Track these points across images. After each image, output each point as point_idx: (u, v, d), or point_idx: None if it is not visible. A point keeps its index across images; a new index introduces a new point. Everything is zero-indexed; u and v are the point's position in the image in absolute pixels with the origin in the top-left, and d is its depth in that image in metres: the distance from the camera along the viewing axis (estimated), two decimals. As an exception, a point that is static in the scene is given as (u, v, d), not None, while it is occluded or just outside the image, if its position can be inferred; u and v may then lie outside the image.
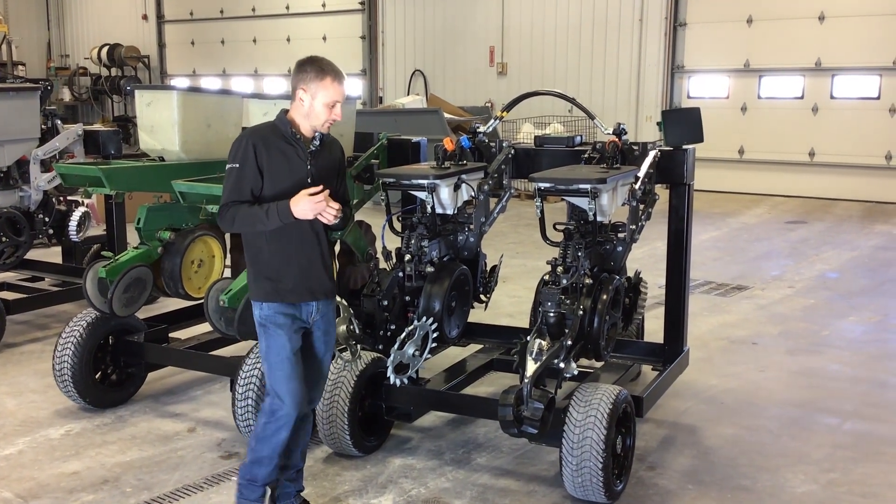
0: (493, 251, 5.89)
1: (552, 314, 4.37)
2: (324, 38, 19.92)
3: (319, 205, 3.62)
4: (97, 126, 8.72)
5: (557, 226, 4.82)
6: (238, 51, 21.85)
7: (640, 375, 5.62)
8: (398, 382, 4.47)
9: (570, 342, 4.32)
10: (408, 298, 4.81)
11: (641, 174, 4.79)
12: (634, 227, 4.84)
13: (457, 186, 4.76)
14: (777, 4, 14.62)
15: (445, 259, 4.98)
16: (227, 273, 5.89)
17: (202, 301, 5.28)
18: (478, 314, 5.49)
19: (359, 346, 4.58)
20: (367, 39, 19.47)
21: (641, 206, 4.85)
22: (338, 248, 5.53)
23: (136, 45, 23.31)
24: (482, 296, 5.26)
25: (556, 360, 4.23)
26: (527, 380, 4.01)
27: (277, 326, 3.79)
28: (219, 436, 5.09)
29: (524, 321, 5.44)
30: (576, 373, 4.40)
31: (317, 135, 3.80)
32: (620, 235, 4.89)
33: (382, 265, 4.97)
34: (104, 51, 22.91)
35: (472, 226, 5.01)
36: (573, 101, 5.48)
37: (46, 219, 7.18)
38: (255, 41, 21.46)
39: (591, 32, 16.33)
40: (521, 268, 9.07)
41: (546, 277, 4.52)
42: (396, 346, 4.43)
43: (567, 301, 4.41)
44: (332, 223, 3.72)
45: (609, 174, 4.49)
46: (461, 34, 17.92)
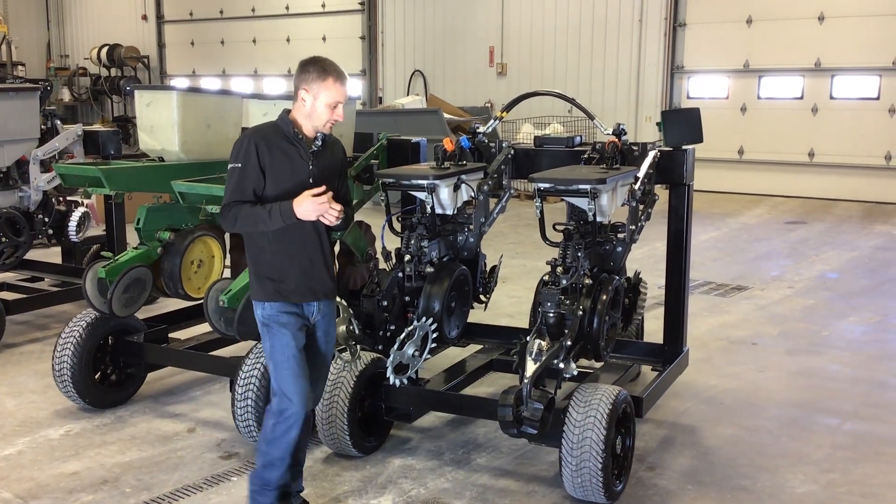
0: (493, 251, 5.89)
1: (552, 314, 4.37)
2: (323, 39, 19.92)
3: (322, 206, 3.62)
4: (97, 126, 8.70)
5: (557, 226, 4.82)
6: (238, 51, 21.85)
7: (640, 376, 5.61)
8: (398, 383, 4.47)
9: (570, 342, 4.32)
10: (407, 299, 4.81)
11: (641, 174, 4.79)
12: (634, 228, 4.84)
13: (456, 187, 4.76)
14: (777, 5, 14.62)
15: (445, 259, 4.98)
16: (227, 273, 5.89)
17: (202, 301, 5.28)
18: (477, 314, 5.49)
19: (358, 347, 4.58)
20: (367, 40, 19.47)
21: (641, 207, 4.86)
22: (337, 249, 5.52)
23: (136, 46, 23.32)
24: (482, 296, 5.25)
25: (556, 361, 4.23)
26: (526, 380, 4.01)
27: (281, 325, 3.79)
28: (218, 436, 5.09)
29: (524, 321, 5.44)
30: (575, 373, 4.41)
31: (319, 135, 3.81)
32: (620, 236, 4.88)
33: (382, 265, 4.97)
34: (104, 51, 22.93)
35: (472, 226, 5.00)
36: (573, 102, 5.49)
37: (46, 219, 7.18)
38: (255, 41, 21.46)
39: (591, 33, 16.33)
40: (521, 268, 9.07)
41: (546, 278, 4.52)
42: (396, 347, 4.43)
43: (567, 301, 4.42)
44: (334, 224, 3.73)
45: (609, 174, 4.49)
46: (461, 34, 17.92)
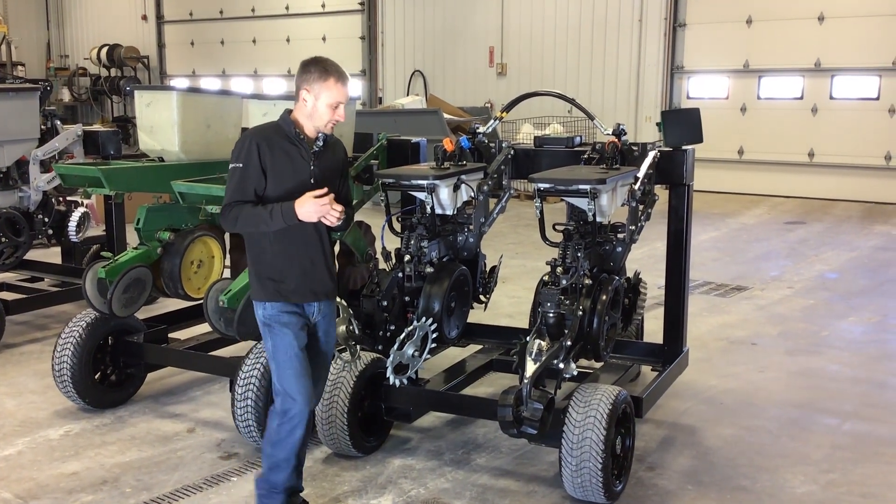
0: (493, 251, 5.89)
1: (552, 315, 4.37)
2: (323, 39, 19.93)
3: (324, 207, 3.63)
4: (97, 126, 8.71)
5: (557, 226, 4.82)
6: (238, 51, 21.85)
7: (640, 376, 5.62)
8: (398, 383, 4.47)
9: (570, 343, 4.32)
10: (407, 299, 4.81)
11: (641, 175, 4.79)
12: (634, 228, 4.84)
13: (456, 187, 4.76)
14: (777, 5, 14.62)
15: (445, 259, 4.98)
16: (227, 273, 5.89)
17: (202, 301, 5.28)
18: (477, 315, 5.49)
19: (358, 347, 4.58)
20: (367, 40, 19.48)
21: (641, 207, 4.86)
22: (337, 249, 5.52)
23: (136, 46, 23.32)
24: (482, 296, 5.25)
25: (556, 361, 4.23)
26: (526, 380, 4.01)
27: (283, 325, 3.79)
28: (218, 436, 5.09)
29: (524, 322, 5.44)
30: (575, 373, 4.41)
31: (320, 135, 3.81)
32: (620, 236, 4.88)
33: (382, 266, 4.97)
34: (104, 51, 22.93)
35: (472, 226, 5.00)
36: (573, 102, 5.49)
37: (46, 219, 7.18)
38: (255, 42, 21.47)
39: (591, 33, 16.33)
40: (521, 268, 9.07)
41: (545, 278, 4.52)
42: (396, 347, 4.43)
43: (566, 301, 4.42)
44: (336, 225, 3.73)
45: (608, 175, 4.49)
46: (461, 34, 17.93)
